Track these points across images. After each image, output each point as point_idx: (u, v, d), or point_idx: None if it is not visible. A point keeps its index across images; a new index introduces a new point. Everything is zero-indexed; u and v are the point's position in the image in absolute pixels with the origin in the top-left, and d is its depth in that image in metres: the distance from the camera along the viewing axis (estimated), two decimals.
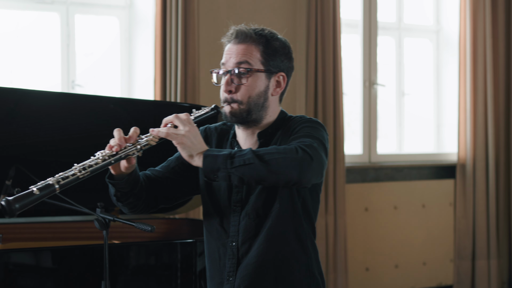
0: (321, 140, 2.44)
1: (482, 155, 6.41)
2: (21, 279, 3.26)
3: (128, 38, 5.46)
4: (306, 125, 2.49)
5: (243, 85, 2.48)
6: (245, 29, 2.52)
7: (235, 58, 2.50)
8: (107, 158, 2.36)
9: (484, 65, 6.39)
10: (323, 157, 2.40)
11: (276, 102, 2.57)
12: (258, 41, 2.50)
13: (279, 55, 2.52)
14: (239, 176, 2.29)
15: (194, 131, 2.35)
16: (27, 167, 3.45)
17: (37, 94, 3.65)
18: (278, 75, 2.54)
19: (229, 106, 2.51)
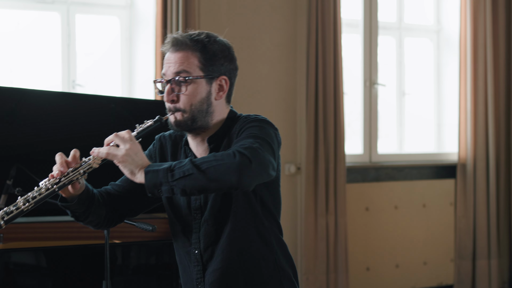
0: (264, 139, 2.38)
1: (482, 154, 6.41)
2: (22, 278, 3.26)
3: (129, 37, 5.47)
4: (251, 125, 2.44)
5: (184, 93, 2.44)
6: (180, 36, 2.49)
7: (173, 67, 2.46)
8: (50, 187, 2.33)
9: (485, 64, 6.39)
10: (265, 156, 2.33)
11: (222, 105, 2.53)
12: (195, 47, 2.46)
13: (218, 59, 2.48)
14: (181, 188, 2.27)
15: (135, 148, 2.32)
16: (28, 167, 3.44)
17: (38, 93, 3.65)
18: (220, 79, 2.50)
19: (173, 116, 2.47)
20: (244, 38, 5.63)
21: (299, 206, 5.84)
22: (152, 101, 4.69)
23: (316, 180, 5.76)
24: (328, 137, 5.75)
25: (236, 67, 2.56)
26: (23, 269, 3.28)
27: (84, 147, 3.70)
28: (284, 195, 5.82)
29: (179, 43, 2.47)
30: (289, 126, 5.78)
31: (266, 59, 5.72)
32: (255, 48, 5.68)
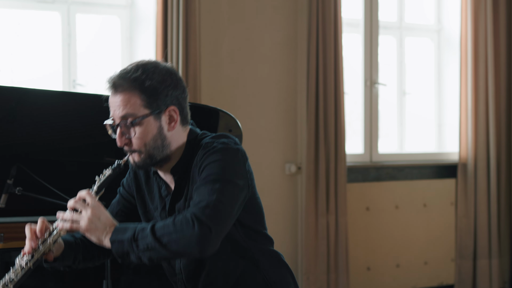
0: (225, 179, 2.34)
1: (483, 154, 6.40)
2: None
3: (129, 37, 5.46)
4: (210, 160, 2.38)
5: (135, 137, 2.40)
6: (117, 78, 2.40)
7: (118, 111, 2.40)
8: (25, 266, 2.34)
9: (485, 64, 6.38)
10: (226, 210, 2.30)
11: (178, 132, 2.48)
12: (134, 86, 2.38)
13: (161, 91, 2.40)
14: (148, 258, 2.27)
15: (97, 212, 2.32)
16: (29, 166, 3.44)
17: (38, 93, 3.64)
18: (168, 111, 2.43)
19: (131, 157, 2.45)
20: (244, 38, 5.63)
21: (299, 206, 5.84)
22: None
23: (317, 179, 5.76)
24: (329, 137, 5.75)
25: (183, 90, 2.47)
26: None
27: (85, 146, 3.70)
28: (285, 195, 5.82)
29: (117, 85, 2.40)
30: (290, 126, 5.78)
31: (266, 59, 5.72)
32: (256, 48, 5.68)
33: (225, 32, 5.55)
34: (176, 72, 2.48)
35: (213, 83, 5.49)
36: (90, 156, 3.75)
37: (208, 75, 5.45)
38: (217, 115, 3.91)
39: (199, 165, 2.40)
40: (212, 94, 5.46)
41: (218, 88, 5.52)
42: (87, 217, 2.30)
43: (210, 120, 3.92)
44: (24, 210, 3.75)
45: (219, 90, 5.52)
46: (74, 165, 3.74)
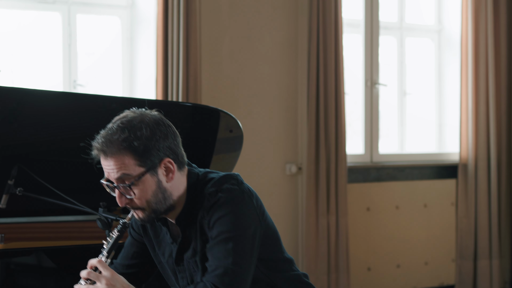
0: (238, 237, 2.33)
1: (484, 154, 6.40)
2: (23, 278, 3.26)
3: (130, 37, 5.46)
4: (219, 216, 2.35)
5: (135, 197, 2.37)
6: (104, 144, 2.35)
7: (113, 174, 2.36)
8: None
9: (486, 64, 6.38)
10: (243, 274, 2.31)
11: (178, 180, 2.44)
12: (123, 149, 2.33)
13: (152, 146, 2.35)
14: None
15: (112, 282, 2.30)
16: (29, 167, 3.44)
17: (39, 93, 3.64)
18: (163, 163, 2.38)
19: (135, 213, 2.42)
20: (245, 38, 5.63)
21: (300, 206, 5.84)
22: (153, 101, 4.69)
23: (317, 180, 5.76)
24: (329, 137, 5.75)
25: (173, 136, 2.42)
26: (24, 269, 3.27)
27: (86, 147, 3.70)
28: (285, 195, 5.82)
29: (106, 151, 2.35)
30: (290, 126, 5.78)
31: (267, 59, 5.72)
32: (256, 48, 5.68)
33: (226, 32, 5.55)
34: (163, 120, 2.42)
35: (213, 83, 5.49)
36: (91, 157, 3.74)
37: (208, 75, 5.45)
38: (217, 115, 3.91)
39: (207, 220, 2.38)
40: (213, 94, 5.46)
41: (219, 88, 5.52)
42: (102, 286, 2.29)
43: (211, 120, 3.91)
44: (25, 211, 3.75)
45: (220, 90, 5.52)
46: (75, 165, 3.74)
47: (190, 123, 3.96)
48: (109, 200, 3.43)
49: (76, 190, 3.70)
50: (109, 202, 3.18)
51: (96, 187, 3.81)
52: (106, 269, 2.32)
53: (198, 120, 3.95)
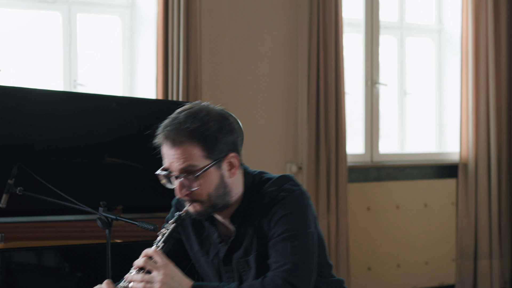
0: (302, 233, 2.33)
1: (484, 154, 6.40)
2: (23, 278, 3.26)
3: (130, 37, 5.46)
4: (282, 214, 2.34)
5: (197, 188, 2.33)
6: (173, 132, 2.32)
7: (177, 164, 2.32)
8: None
9: (486, 64, 6.38)
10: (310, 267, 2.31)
11: (237, 178, 2.43)
12: (192, 139, 2.31)
13: (220, 139, 2.34)
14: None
15: (170, 273, 2.27)
16: (30, 166, 3.44)
17: (39, 93, 3.64)
18: (228, 158, 2.37)
19: (191, 206, 2.39)
20: (245, 38, 5.63)
21: None
22: (153, 101, 4.70)
23: (318, 179, 5.76)
24: (330, 137, 5.74)
25: (237, 133, 2.41)
26: (24, 269, 3.27)
27: (86, 146, 3.70)
28: None
29: (175, 139, 2.32)
30: (291, 126, 5.78)
31: (267, 59, 5.72)
32: (257, 47, 5.68)
33: (226, 32, 5.55)
34: (228, 115, 2.41)
35: (213, 83, 5.49)
36: (91, 156, 3.75)
37: (208, 75, 5.45)
38: None
39: (268, 219, 2.36)
40: (213, 93, 5.46)
41: (219, 88, 5.52)
42: (160, 278, 2.24)
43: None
44: (25, 210, 3.75)
45: (220, 89, 5.52)
46: (75, 165, 3.74)
47: None
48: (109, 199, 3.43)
49: (76, 189, 3.70)
50: (109, 201, 3.18)
51: (96, 186, 3.83)
52: (163, 259, 2.28)
53: None
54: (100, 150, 3.76)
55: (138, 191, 3.96)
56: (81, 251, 3.36)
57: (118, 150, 3.80)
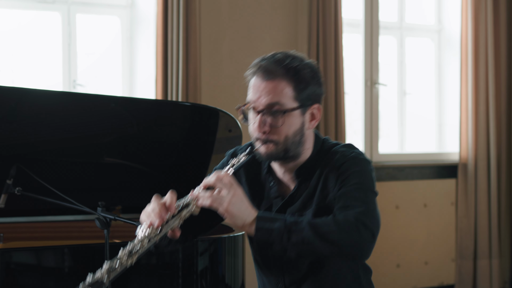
0: (372, 191, 2.32)
1: (483, 154, 6.40)
2: (21, 278, 3.26)
3: (130, 37, 5.46)
4: (353, 170, 2.32)
5: (279, 127, 2.30)
6: (271, 64, 2.31)
7: (265, 98, 2.29)
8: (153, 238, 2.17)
9: (486, 64, 6.38)
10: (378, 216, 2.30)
11: (311, 134, 2.43)
12: (287, 76, 2.30)
13: (311, 86, 2.34)
14: (296, 252, 2.17)
15: (240, 195, 2.18)
16: (28, 166, 3.44)
17: (38, 93, 3.64)
18: (313, 108, 2.37)
19: (264, 146, 2.33)
20: (245, 38, 5.63)
21: None
22: (153, 101, 4.70)
23: None
24: (329, 137, 5.74)
25: (324, 90, 2.43)
26: (23, 269, 3.27)
27: (85, 146, 3.70)
28: None
29: (271, 71, 2.30)
30: None
31: None
32: (256, 48, 5.68)
33: (226, 32, 5.55)
34: (319, 69, 2.43)
35: (213, 83, 5.48)
36: (90, 157, 3.75)
37: (208, 75, 5.45)
38: (217, 115, 3.91)
39: (339, 172, 2.33)
40: (213, 93, 5.46)
41: (219, 88, 5.52)
42: (230, 198, 2.16)
43: (210, 120, 3.91)
44: (23, 210, 3.75)
45: (220, 89, 5.52)
46: (73, 165, 3.74)
47: (190, 122, 3.97)
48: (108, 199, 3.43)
49: (76, 189, 3.70)
50: (107, 201, 3.18)
51: (95, 186, 3.83)
52: (235, 182, 2.21)
53: (197, 120, 3.96)
54: (99, 150, 3.77)
55: (137, 191, 3.96)
56: (79, 251, 3.36)
57: (117, 150, 3.80)
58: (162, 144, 3.88)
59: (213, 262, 3.57)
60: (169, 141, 3.89)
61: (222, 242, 3.58)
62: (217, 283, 3.57)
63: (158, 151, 3.89)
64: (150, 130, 3.81)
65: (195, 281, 3.49)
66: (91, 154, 3.75)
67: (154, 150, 3.88)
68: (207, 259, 3.54)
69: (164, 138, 3.81)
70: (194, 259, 3.50)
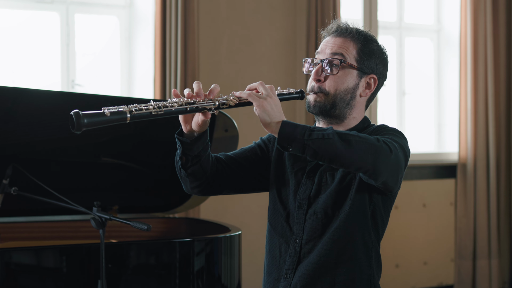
0: (403, 147, 2.35)
1: (483, 154, 6.40)
2: (18, 278, 3.26)
3: (128, 37, 5.47)
4: (390, 132, 2.40)
5: (333, 76, 2.45)
6: (346, 24, 2.52)
7: (330, 49, 2.48)
8: (184, 105, 2.26)
9: (485, 64, 6.38)
10: (401, 159, 2.31)
11: (363, 105, 2.53)
12: (357, 38, 2.48)
13: (374, 57, 2.49)
14: (314, 149, 2.22)
15: (276, 100, 2.30)
16: (24, 166, 3.44)
17: (34, 93, 3.65)
18: (370, 77, 2.50)
19: (314, 95, 2.46)
20: (243, 38, 5.63)
21: None
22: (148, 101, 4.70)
23: None
24: None
25: (386, 75, 2.56)
26: (20, 269, 3.28)
27: (82, 146, 3.71)
28: None
29: (344, 30, 2.50)
30: None
31: (265, 59, 5.72)
32: (255, 47, 5.68)
33: (224, 32, 5.55)
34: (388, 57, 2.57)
35: (212, 83, 5.41)
36: (86, 156, 3.76)
37: (207, 75, 5.45)
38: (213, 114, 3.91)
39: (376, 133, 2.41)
40: None
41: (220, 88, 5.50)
42: (266, 98, 2.27)
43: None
44: (21, 210, 3.76)
45: (221, 90, 5.51)
46: (69, 165, 3.74)
47: None
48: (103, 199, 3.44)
49: (73, 189, 3.71)
50: (103, 201, 3.18)
51: (91, 186, 3.83)
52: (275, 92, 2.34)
53: None
54: (96, 150, 3.77)
55: (134, 191, 3.97)
56: (75, 251, 3.36)
57: (114, 150, 3.81)
58: (158, 144, 3.88)
59: (210, 262, 3.57)
60: (165, 140, 3.89)
61: (218, 242, 3.58)
62: (214, 283, 3.57)
63: (154, 150, 3.89)
64: (146, 130, 3.82)
65: (191, 281, 3.49)
66: (88, 154, 3.75)
67: (150, 150, 3.88)
68: (203, 259, 3.54)
69: (160, 137, 3.81)
70: (190, 259, 3.50)
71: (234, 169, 2.56)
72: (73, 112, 2.16)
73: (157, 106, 2.22)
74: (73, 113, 2.15)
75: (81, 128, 2.16)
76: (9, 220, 3.78)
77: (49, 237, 3.81)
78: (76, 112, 2.15)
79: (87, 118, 2.16)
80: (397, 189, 2.42)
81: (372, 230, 2.46)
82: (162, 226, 4.23)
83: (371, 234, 2.45)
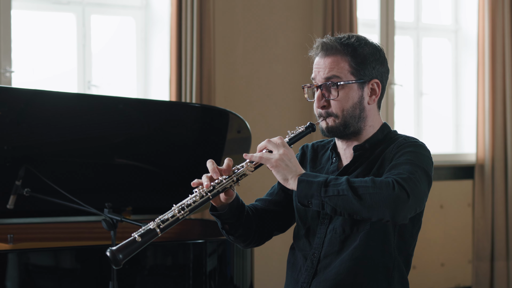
0: (423, 169, 2.32)
1: (500, 155, 6.36)
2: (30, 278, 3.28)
3: (144, 38, 5.48)
4: (409, 150, 2.37)
5: (335, 99, 2.43)
6: (329, 40, 2.48)
7: (323, 73, 2.45)
8: (205, 195, 2.29)
9: (503, 64, 6.34)
10: (422, 190, 2.28)
11: (375, 110, 2.51)
12: (345, 51, 2.45)
13: (369, 62, 2.46)
14: (332, 206, 2.23)
15: (289, 154, 2.30)
16: (37, 168, 3.46)
17: (47, 94, 3.66)
18: (372, 83, 2.47)
19: (324, 121, 2.46)
20: (259, 38, 5.62)
21: None
22: (163, 102, 4.71)
23: None
24: None
25: (387, 70, 2.53)
26: (34, 269, 3.29)
27: (95, 148, 3.72)
28: None
29: (329, 47, 2.47)
30: None
31: (281, 59, 5.71)
32: (271, 48, 5.67)
33: (240, 33, 5.55)
34: (383, 51, 2.55)
35: (227, 84, 5.49)
36: (100, 157, 3.77)
37: (222, 76, 5.45)
38: (226, 116, 3.92)
39: (398, 149, 2.39)
40: (227, 94, 5.46)
41: (233, 89, 5.52)
42: (279, 154, 2.28)
43: (220, 121, 3.92)
44: (33, 211, 3.77)
45: (234, 90, 5.52)
46: (81, 166, 3.75)
47: (200, 124, 3.98)
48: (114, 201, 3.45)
49: (86, 190, 3.72)
50: (114, 203, 3.19)
51: (105, 187, 3.84)
52: (286, 143, 2.35)
53: (208, 121, 3.97)
54: (110, 152, 3.78)
55: (148, 192, 3.98)
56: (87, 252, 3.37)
57: (128, 151, 3.82)
58: (172, 145, 3.89)
59: (222, 263, 3.57)
60: (179, 142, 3.90)
61: (230, 244, 3.58)
62: (226, 284, 3.57)
63: (168, 152, 3.90)
64: (161, 131, 3.83)
65: (204, 282, 3.50)
66: (101, 155, 3.76)
67: (164, 151, 3.89)
68: (215, 260, 3.54)
69: (174, 139, 3.82)
70: (203, 260, 3.50)
71: (274, 210, 2.60)
72: (108, 252, 2.21)
73: (181, 209, 2.29)
74: (108, 253, 2.21)
75: (120, 264, 2.23)
76: (22, 221, 3.80)
77: (62, 238, 3.83)
78: (110, 252, 2.21)
79: (122, 253, 2.21)
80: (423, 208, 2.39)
81: (396, 249, 2.44)
82: (176, 227, 4.22)
83: (394, 254, 2.43)
